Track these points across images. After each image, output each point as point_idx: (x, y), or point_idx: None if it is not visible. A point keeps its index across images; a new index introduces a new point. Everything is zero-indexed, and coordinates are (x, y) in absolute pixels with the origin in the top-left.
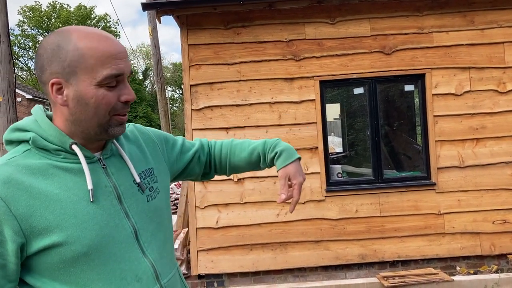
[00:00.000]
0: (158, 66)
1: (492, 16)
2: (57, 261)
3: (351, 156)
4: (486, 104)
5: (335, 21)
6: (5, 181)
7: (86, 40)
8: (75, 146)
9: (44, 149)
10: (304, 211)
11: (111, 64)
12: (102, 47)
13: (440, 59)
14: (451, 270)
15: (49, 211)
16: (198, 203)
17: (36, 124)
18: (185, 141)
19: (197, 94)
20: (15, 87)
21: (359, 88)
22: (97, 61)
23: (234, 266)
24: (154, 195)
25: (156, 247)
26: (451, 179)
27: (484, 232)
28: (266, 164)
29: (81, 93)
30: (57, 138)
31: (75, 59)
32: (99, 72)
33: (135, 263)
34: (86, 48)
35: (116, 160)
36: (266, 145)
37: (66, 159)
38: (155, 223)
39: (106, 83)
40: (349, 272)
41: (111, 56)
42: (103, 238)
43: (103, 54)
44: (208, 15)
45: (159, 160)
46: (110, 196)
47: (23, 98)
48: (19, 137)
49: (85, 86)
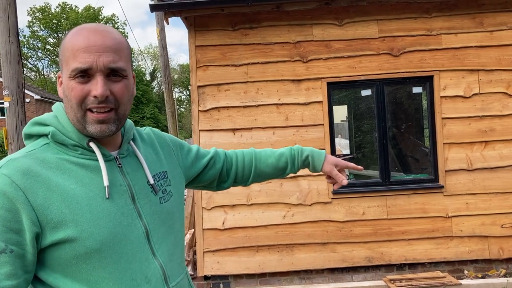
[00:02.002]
0: (165, 67)
1: (501, 18)
2: (70, 256)
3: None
4: (495, 107)
5: (342, 23)
6: (24, 172)
7: (73, 35)
8: (93, 143)
9: (62, 144)
10: (310, 213)
11: (79, 57)
12: (77, 41)
13: (448, 61)
14: (459, 273)
15: (65, 205)
16: (205, 204)
17: (56, 119)
18: (200, 148)
19: (204, 95)
20: (23, 87)
21: (367, 90)
22: (70, 54)
23: (240, 268)
24: (167, 198)
25: (166, 250)
26: (459, 182)
27: (493, 235)
28: (295, 168)
29: (64, 85)
30: (76, 134)
31: (61, 53)
32: (70, 64)
33: (145, 264)
34: (68, 42)
35: (132, 160)
36: (293, 151)
37: (83, 155)
38: (166, 225)
39: (74, 75)
40: (356, 274)
41: (81, 49)
42: (116, 236)
43: (74, 47)
44: (215, 17)
45: (174, 164)
46: (124, 195)
47: (31, 98)
48: (39, 131)
49: (65, 79)
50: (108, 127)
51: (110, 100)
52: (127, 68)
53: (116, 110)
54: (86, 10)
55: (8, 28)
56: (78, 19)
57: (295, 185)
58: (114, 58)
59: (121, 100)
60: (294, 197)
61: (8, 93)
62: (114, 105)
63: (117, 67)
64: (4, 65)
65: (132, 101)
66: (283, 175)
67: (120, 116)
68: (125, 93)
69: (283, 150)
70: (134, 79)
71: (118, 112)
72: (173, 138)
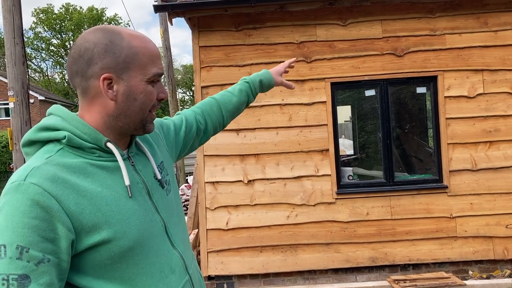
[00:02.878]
0: (169, 68)
1: (506, 17)
2: (105, 257)
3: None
4: (499, 107)
5: (346, 23)
6: (53, 180)
7: (137, 40)
8: (110, 143)
9: (79, 148)
10: (314, 213)
11: (157, 63)
12: (151, 48)
13: (452, 61)
14: (463, 274)
15: (97, 208)
16: (208, 205)
17: (67, 123)
18: (174, 121)
19: (208, 95)
20: (28, 88)
21: (371, 90)
22: (148, 60)
23: (244, 268)
24: (169, 188)
25: (180, 239)
26: (464, 182)
27: (497, 236)
28: (254, 95)
29: (132, 88)
30: (92, 136)
31: (130, 56)
32: (150, 69)
33: (168, 256)
34: (140, 47)
35: (140, 158)
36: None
37: (101, 158)
38: (175, 215)
39: (152, 80)
40: (360, 275)
41: (157, 56)
42: (144, 233)
43: (152, 54)
44: (219, 17)
45: (164, 150)
46: (142, 192)
47: (35, 99)
48: (50, 136)
49: (136, 82)
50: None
51: None
52: None
53: None
54: (89, 11)
55: (13, 29)
56: (81, 20)
57: (298, 186)
58: None
59: None
60: (297, 197)
61: (13, 94)
62: None
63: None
64: (9, 66)
65: None
66: (246, 106)
67: None
68: None
69: (240, 86)
70: None
71: None
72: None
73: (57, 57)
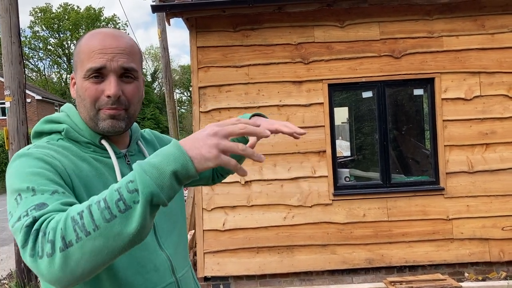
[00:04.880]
0: (166, 69)
1: (503, 20)
2: None
3: (358, 160)
4: (496, 109)
5: (344, 25)
6: (55, 151)
7: (88, 37)
8: (104, 140)
9: (75, 141)
10: (311, 214)
11: (94, 58)
12: (92, 43)
13: (450, 63)
14: (459, 276)
15: (87, 188)
16: (205, 205)
17: (68, 118)
18: None
19: (205, 96)
20: (25, 87)
21: (368, 92)
22: (85, 55)
23: (240, 269)
24: None
25: (171, 244)
26: (460, 184)
27: (493, 238)
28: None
29: (78, 86)
30: (88, 132)
31: (76, 55)
32: (85, 65)
33: (154, 255)
34: (83, 45)
35: (139, 159)
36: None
37: (96, 153)
38: (170, 222)
39: (89, 75)
40: (356, 276)
41: (96, 50)
42: None
43: (90, 48)
44: (217, 18)
45: None
46: None
47: (32, 99)
48: (52, 128)
49: (79, 79)
50: (118, 123)
51: (121, 101)
52: (139, 70)
53: (126, 110)
54: (87, 11)
55: (9, 28)
56: (79, 20)
57: (295, 187)
58: (128, 59)
59: (131, 101)
60: (294, 198)
61: (9, 93)
62: (124, 105)
63: (129, 67)
64: (6, 65)
65: (141, 103)
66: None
67: (130, 115)
68: (135, 94)
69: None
70: (144, 82)
71: (128, 111)
72: (170, 139)
73: (54, 56)
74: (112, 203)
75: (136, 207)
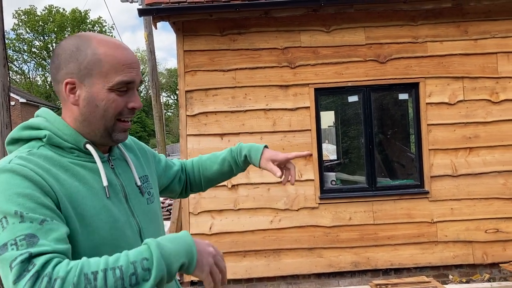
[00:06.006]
0: (153, 72)
1: (485, 26)
2: (73, 251)
3: (345, 164)
4: (479, 114)
5: (330, 30)
6: (37, 165)
7: (105, 47)
8: (89, 145)
9: (58, 147)
10: (297, 218)
11: (124, 71)
12: (118, 55)
13: (434, 68)
14: (444, 278)
15: (72, 200)
16: (192, 209)
17: (49, 124)
18: (167, 159)
19: (192, 100)
20: (9, 90)
21: (354, 96)
22: (112, 67)
23: (227, 273)
24: (152, 199)
25: None
26: (444, 188)
27: (477, 240)
28: (240, 168)
29: (93, 94)
30: (72, 137)
31: (92, 63)
32: (113, 77)
33: None
34: (104, 54)
35: (121, 163)
36: (233, 153)
37: (79, 158)
38: (154, 225)
39: (117, 88)
40: (342, 279)
41: (125, 64)
42: (116, 231)
43: (118, 61)
44: (204, 22)
45: (152, 171)
46: (119, 194)
47: (16, 101)
48: (31, 135)
49: (97, 89)
50: (127, 135)
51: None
52: None
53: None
54: (72, 13)
55: None
56: (64, 22)
57: (282, 190)
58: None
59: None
60: (281, 202)
61: None
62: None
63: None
64: None
65: None
66: (232, 176)
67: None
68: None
69: (225, 154)
70: None
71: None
72: (148, 147)
73: (39, 59)
74: (126, 276)
75: (144, 285)
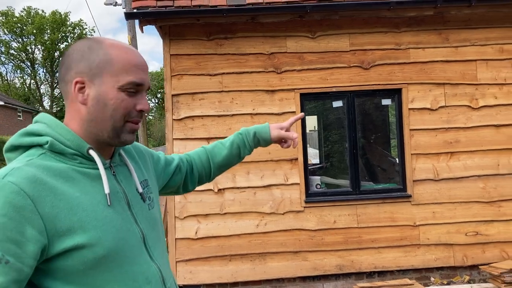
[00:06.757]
0: None
1: (465, 34)
2: (78, 263)
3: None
4: (459, 119)
5: (315, 36)
6: (31, 180)
7: (116, 49)
8: (92, 151)
9: (60, 153)
10: (283, 221)
11: (134, 73)
12: (130, 57)
13: (416, 74)
14: (426, 280)
15: (73, 212)
16: (178, 214)
17: (51, 130)
18: (166, 156)
19: (178, 104)
20: None
21: (338, 101)
22: (123, 68)
23: (213, 277)
24: (152, 205)
25: (159, 253)
26: (426, 192)
27: (457, 243)
28: (248, 150)
29: (103, 93)
30: (74, 143)
31: (103, 62)
32: (123, 77)
33: (145, 266)
34: (115, 55)
35: (122, 169)
36: (240, 135)
37: (82, 164)
38: (156, 230)
39: (127, 88)
40: (327, 282)
41: (136, 66)
42: (119, 241)
43: (129, 62)
44: (191, 26)
45: (151, 173)
46: (121, 201)
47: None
48: (33, 141)
49: (107, 88)
50: (135, 137)
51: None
52: None
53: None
54: (52, 15)
55: None
56: (43, 24)
57: (268, 194)
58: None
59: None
60: (267, 206)
61: None
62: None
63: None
64: None
65: None
66: (239, 161)
67: None
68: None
69: (232, 138)
70: None
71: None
72: (145, 148)
73: (17, 61)
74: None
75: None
